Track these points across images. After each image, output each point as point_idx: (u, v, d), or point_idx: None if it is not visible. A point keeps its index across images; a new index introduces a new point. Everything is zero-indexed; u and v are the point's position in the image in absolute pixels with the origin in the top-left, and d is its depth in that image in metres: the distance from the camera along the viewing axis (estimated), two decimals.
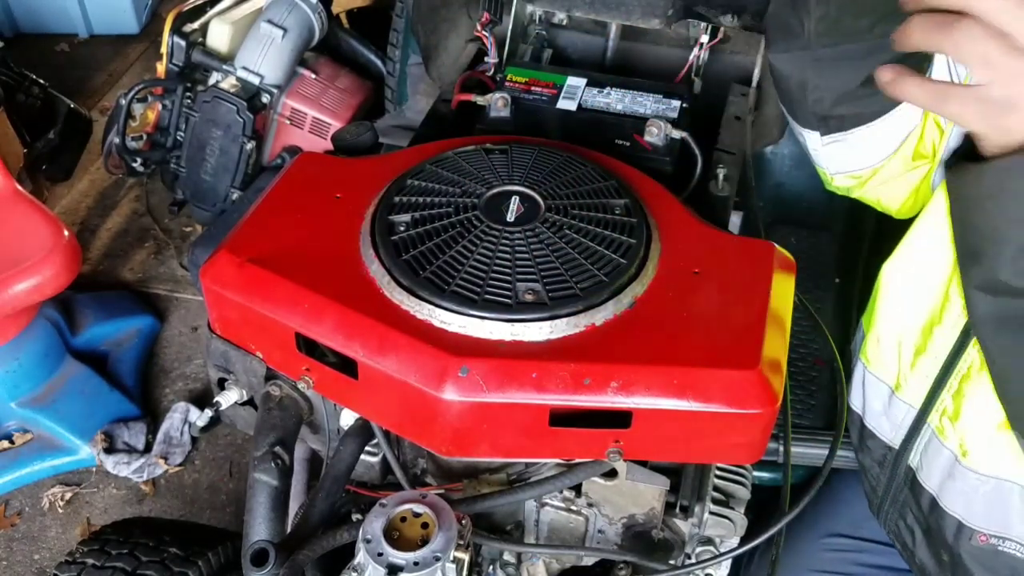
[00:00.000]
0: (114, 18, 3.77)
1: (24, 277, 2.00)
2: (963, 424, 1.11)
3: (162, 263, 2.85)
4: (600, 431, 0.90)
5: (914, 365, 1.16)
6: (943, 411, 1.14)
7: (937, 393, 1.13)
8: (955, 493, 1.15)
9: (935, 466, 1.17)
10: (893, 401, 1.21)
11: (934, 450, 1.16)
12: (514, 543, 1.11)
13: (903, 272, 1.16)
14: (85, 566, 1.39)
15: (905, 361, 1.18)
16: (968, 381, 1.09)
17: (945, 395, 1.13)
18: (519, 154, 1.10)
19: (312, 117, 2.63)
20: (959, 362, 1.10)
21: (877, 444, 1.27)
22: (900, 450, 1.22)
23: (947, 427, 1.13)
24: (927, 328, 1.14)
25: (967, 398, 1.10)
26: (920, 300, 1.14)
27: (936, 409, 1.14)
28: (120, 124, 2.46)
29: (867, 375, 1.25)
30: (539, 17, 1.54)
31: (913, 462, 1.21)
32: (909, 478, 1.23)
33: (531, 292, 0.93)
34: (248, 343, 1.04)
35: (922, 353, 1.15)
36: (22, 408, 2.23)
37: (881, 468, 1.28)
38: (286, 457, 1.06)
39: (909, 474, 1.23)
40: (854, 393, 1.29)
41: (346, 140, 1.23)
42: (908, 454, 1.21)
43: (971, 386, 1.09)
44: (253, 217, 1.05)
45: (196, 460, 2.33)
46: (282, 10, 2.49)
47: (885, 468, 1.27)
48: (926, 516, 1.21)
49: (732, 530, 1.08)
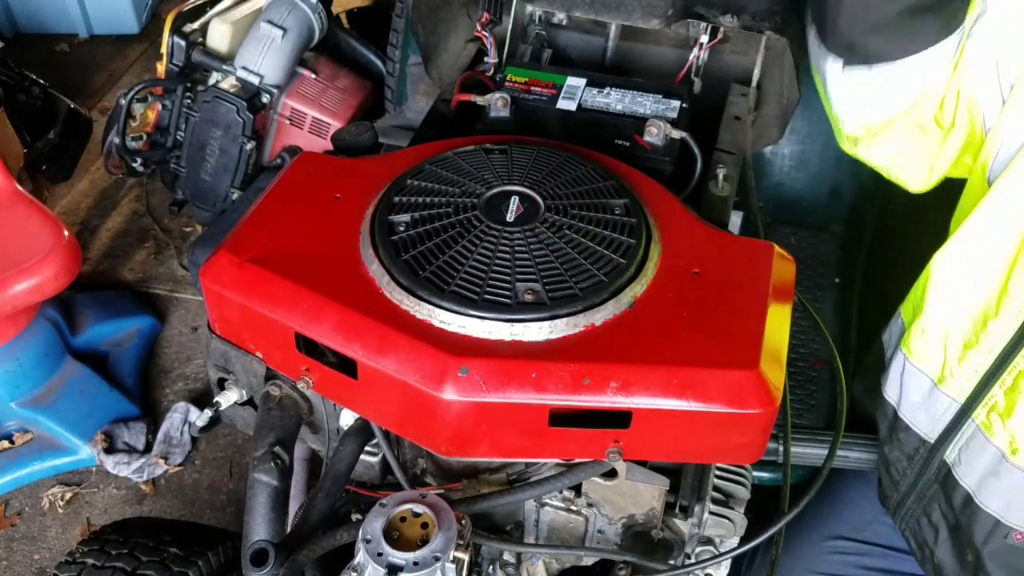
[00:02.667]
0: (114, 18, 3.77)
1: (24, 277, 2.00)
2: (1017, 421, 1.09)
3: (162, 263, 2.85)
4: (600, 431, 0.90)
5: (962, 359, 1.15)
6: (992, 407, 1.12)
7: (987, 388, 1.12)
8: (996, 490, 1.14)
9: (977, 463, 1.15)
10: (934, 394, 1.19)
11: (977, 446, 1.15)
12: (514, 543, 1.11)
13: (957, 263, 1.14)
14: (85, 566, 1.39)
15: (952, 354, 1.16)
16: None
17: (996, 390, 1.11)
18: (519, 154, 1.10)
19: (312, 117, 2.63)
20: (1016, 357, 1.08)
21: (910, 437, 1.25)
22: (936, 444, 1.21)
23: (995, 423, 1.12)
24: (980, 321, 1.12)
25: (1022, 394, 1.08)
26: (974, 292, 1.12)
27: (984, 404, 1.13)
28: (120, 124, 2.46)
29: (907, 366, 1.23)
30: (539, 17, 1.54)
31: (950, 457, 1.20)
32: (943, 473, 1.21)
33: (531, 292, 0.93)
34: (248, 343, 1.04)
35: (973, 347, 1.13)
36: (22, 408, 2.23)
37: (910, 462, 1.26)
38: (286, 457, 1.06)
39: (943, 469, 1.21)
40: (890, 384, 1.26)
41: (346, 140, 1.23)
42: (945, 449, 1.20)
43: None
44: (253, 217, 1.05)
45: (196, 460, 2.33)
46: (282, 10, 2.49)
47: (915, 462, 1.25)
48: (956, 513, 1.20)
49: (732, 530, 1.08)
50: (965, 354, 1.14)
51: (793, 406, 1.65)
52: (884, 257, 1.27)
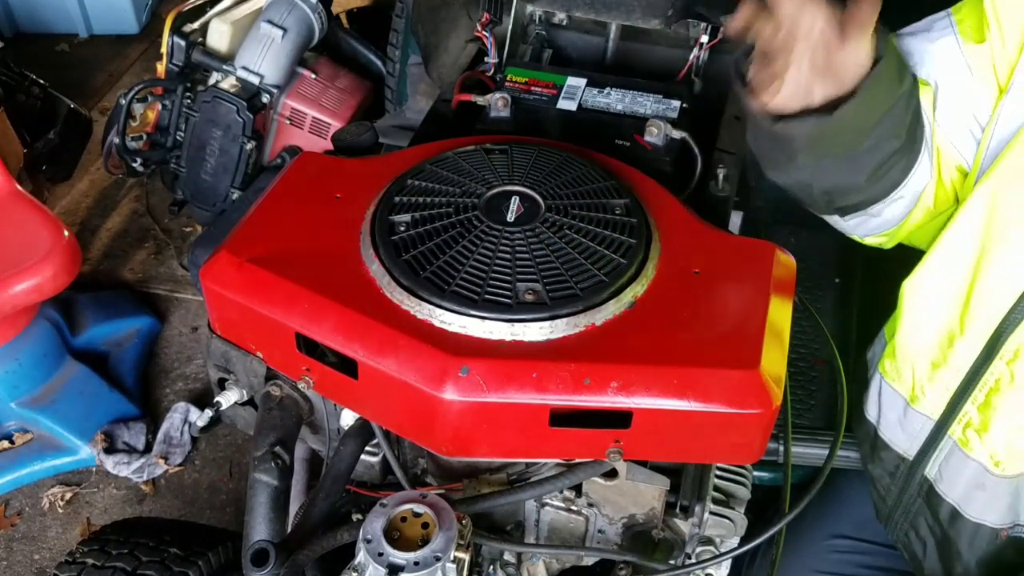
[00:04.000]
0: (114, 18, 3.77)
1: (24, 277, 2.00)
2: (994, 436, 1.11)
3: (162, 263, 2.85)
4: (600, 431, 0.90)
5: (932, 378, 1.16)
6: (967, 423, 1.13)
7: (959, 405, 1.13)
8: (982, 501, 1.15)
9: (958, 478, 1.17)
10: (909, 412, 1.21)
11: (957, 462, 1.16)
12: (514, 543, 1.11)
13: (923, 286, 1.16)
14: (85, 566, 1.39)
15: (921, 373, 1.18)
16: (997, 394, 1.09)
17: (969, 407, 1.13)
18: (519, 154, 1.10)
19: (312, 117, 2.63)
20: (984, 375, 1.10)
21: (890, 455, 1.27)
22: (915, 461, 1.22)
23: (972, 439, 1.13)
24: (947, 340, 1.14)
25: (997, 410, 1.10)
26: (940, 312, 1.14)
27: (958, 421, 1.14)
28: (120, 124, 2.46)
29: (883, 385, 1.25)
30: (539, 17, 1.54)
31: (930, 473, 1.21)
32: (925, 489, 1.23)
33: (531, 292, 0.93)
34: (248, 343, 1.04)
35: (941, 366, 1.15)
36: (22, 408, 2.23)
37: (893, 479, 1.27)
38: (286, 457, 1.06)
39: (925, 484, 1.22)
40: (870, 403, 1.29)
41: (346, 140, 1.23)
42: (925, 465, 1.21)
43: (1002, 399, 1.09)
44: (253, 217, 1.05)
45: (196, 460, 2.33)
46: (282, 10, 2.49)
47: (897, 479, 1.26)
48: (944, 527, 1.21)
49: (732, 530, 1.08)
50: (934, 373, 1.16)
51: (793, 406, 1.65)
52: (884, 257, 1.27)
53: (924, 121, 1.11)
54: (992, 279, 1.07)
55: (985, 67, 1.09)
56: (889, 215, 1.18)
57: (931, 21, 1.14)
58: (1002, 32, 1.06)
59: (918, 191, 1.15)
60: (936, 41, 1.11)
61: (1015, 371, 1.07)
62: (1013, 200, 1.04)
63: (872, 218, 1.20)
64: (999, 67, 1.08)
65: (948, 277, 1.12)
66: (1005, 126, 1.06)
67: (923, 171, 1.13)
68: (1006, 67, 1.07)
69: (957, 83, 1.10)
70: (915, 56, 1.13)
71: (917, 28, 1.15)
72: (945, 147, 1.14)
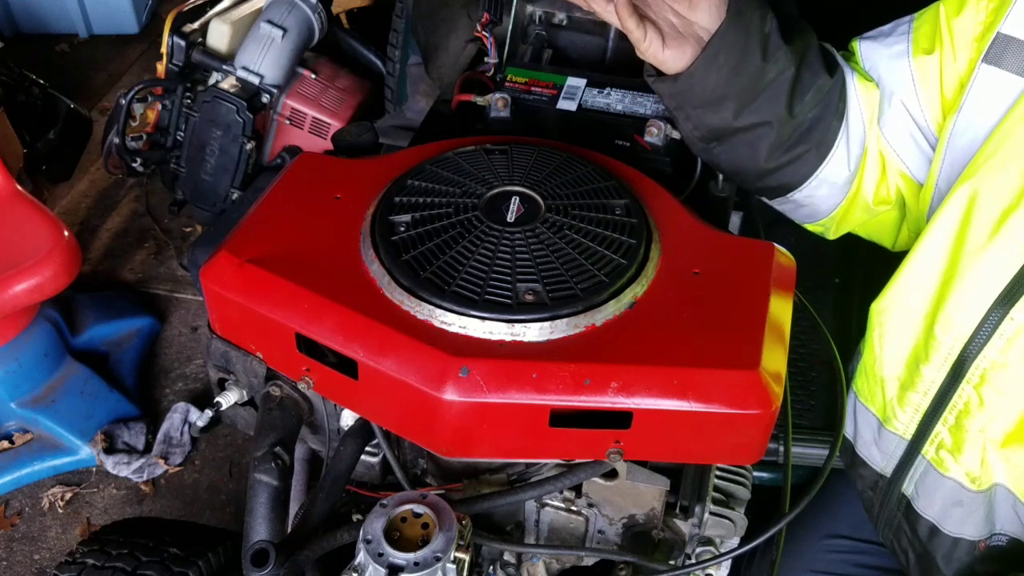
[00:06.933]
0: (114, 18, 3.77)
1: (24, 277, 2.00)
2: (967, 457, 1.11)
3: (162, 263, 2.85)
4: (600, 431, 0.90)
5: (902, 399, 1.17)
6: (940, 444, 1.13)
7: (931, 426, 1.13)
8: (960, 516, 1.15)
9: (935, 496, 1.17)
10: (883, 432, 1.21)
11: (933, 481, 1.16)
12: (514, 543, 1.11)
13: (889, 311, 1.16)
14: (85, 566, 1.39)
15: (891, 394, 1.18)
16: (968, 417, 1.09)
17: (940, 428, 1.13)
18: (519, 154, 1.10)
19: (312, 117, 2.63)
20: (952, 398, 1.10)
21: (868, 471, 1.27)
22: (892, 479, 1.23)
23: (947, 459, 1.13)
24: (912, 364, 1.14)
25: (969, 431, 1.09)
26: (905, 338, 1.14)
27: (931, 442, 1.14)
28: (120, 124, 2.46)
29: (858, 404, 1.25)
30: (539, 17, 1.54)
31: (907, 491, 1.21)
32: (903, 505, 1.23)
33: (531, 292, 0.93)
34: (248, 343, 1.04)
35: (910, 388, 1.15)
36: (22, 408, 2.23)
37: (875, 492, 1.28)
38: (286, 457, 1.06)
39: (903, 501, 1.23)
40: (848, 419, 1.29)
41: (346, 140, 1.23)
42: (901, 483, 1.21)
43: (973, 421, 1.09)
44: (253, 217, 1.05)
45: (196, 460, 2.33)
46: (282, 10, 2.49)
47: (878, 493, 1.27)
48: (924, 543, 1.21)
49: (732, 530, 1.08)
50: (904, 395, 1.16)
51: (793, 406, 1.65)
52: (884, 257, 1.28)
53: (849, 117, 1.14)
54: (953, 306, 1.07)
55: (931, 80, 1.09)
56: (817, 205, 1.21)
57: (895, 25, 1.16)
58: (953, 46, 1.06)
59: (838, 184, 1.17)
60: (892, 47, 1.14)
61: (984, 395, 1.07)
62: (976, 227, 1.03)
63: (799, 207, 1.23)
64: (947, 82, 1.08)
65: (912, 303, 1.12)
66: (958, 147, 1.07)
67: (838, 164, 1.15)
68: (954, 82, 1.07)
69: (900, 92, 1.12)
70: (869, 59, 1.15)
71: (882, 31, 1.17)
72: (887, 152, 1.16)
